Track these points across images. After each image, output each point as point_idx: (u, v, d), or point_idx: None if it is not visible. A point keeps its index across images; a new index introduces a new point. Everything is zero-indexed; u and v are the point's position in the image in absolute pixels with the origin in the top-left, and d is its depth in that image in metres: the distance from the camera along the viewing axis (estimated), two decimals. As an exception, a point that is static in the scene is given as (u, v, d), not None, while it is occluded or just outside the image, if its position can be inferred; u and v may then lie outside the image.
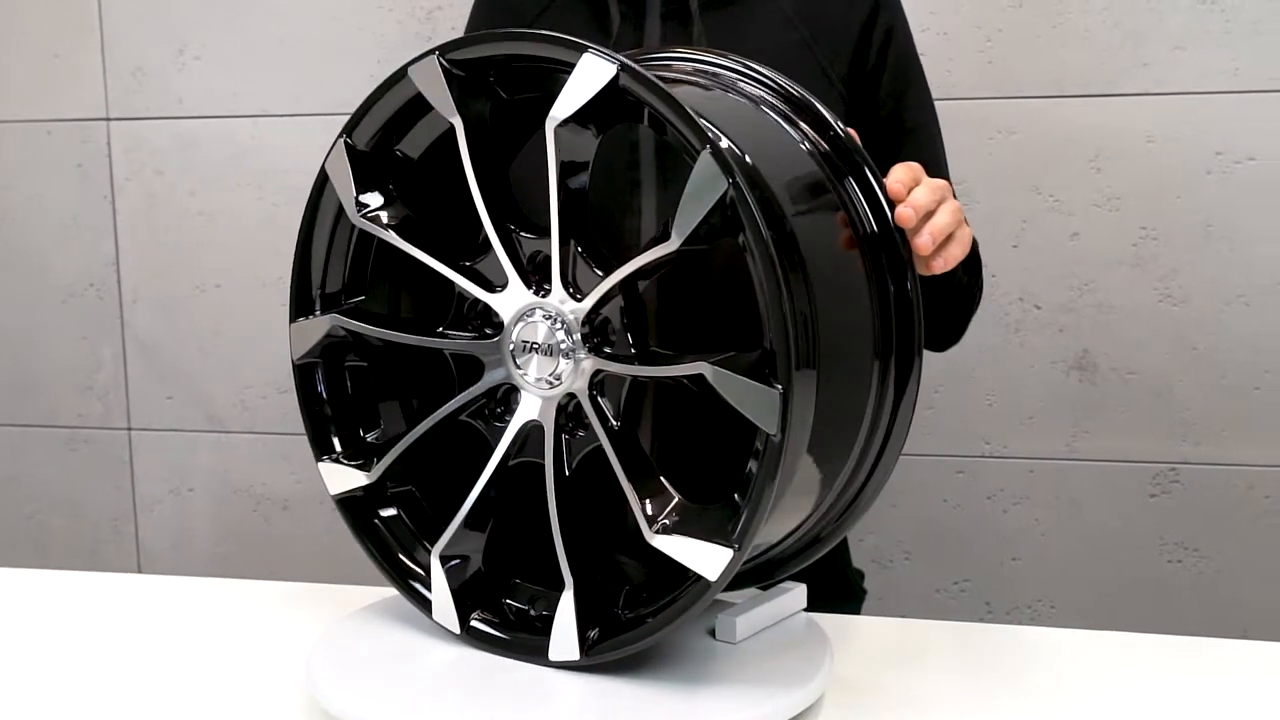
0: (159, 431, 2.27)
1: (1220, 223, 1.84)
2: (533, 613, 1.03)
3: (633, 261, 0.91)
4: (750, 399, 0.87)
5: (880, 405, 0.98)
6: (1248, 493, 1.90)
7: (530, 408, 1.00)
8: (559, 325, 0.96)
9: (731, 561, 0.88)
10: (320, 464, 1.11)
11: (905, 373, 0.98)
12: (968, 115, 1.88)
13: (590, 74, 0.91)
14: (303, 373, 1.11)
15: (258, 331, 2.20)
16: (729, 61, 1.08)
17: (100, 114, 2.19)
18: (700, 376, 0.90)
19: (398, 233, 1.03)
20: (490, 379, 1.02)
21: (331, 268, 1.09)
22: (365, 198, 1.05)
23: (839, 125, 1.03)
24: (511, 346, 0.99)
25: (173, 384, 2.25)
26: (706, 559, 0.90)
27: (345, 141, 1.05)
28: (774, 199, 0.94)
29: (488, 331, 1.03)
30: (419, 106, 1.02)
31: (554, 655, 0.98)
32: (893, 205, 1.02)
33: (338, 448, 1.10)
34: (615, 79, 0.90)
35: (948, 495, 2.00)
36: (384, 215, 1.04)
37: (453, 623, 1.03)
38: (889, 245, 1.00)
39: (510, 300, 0.99)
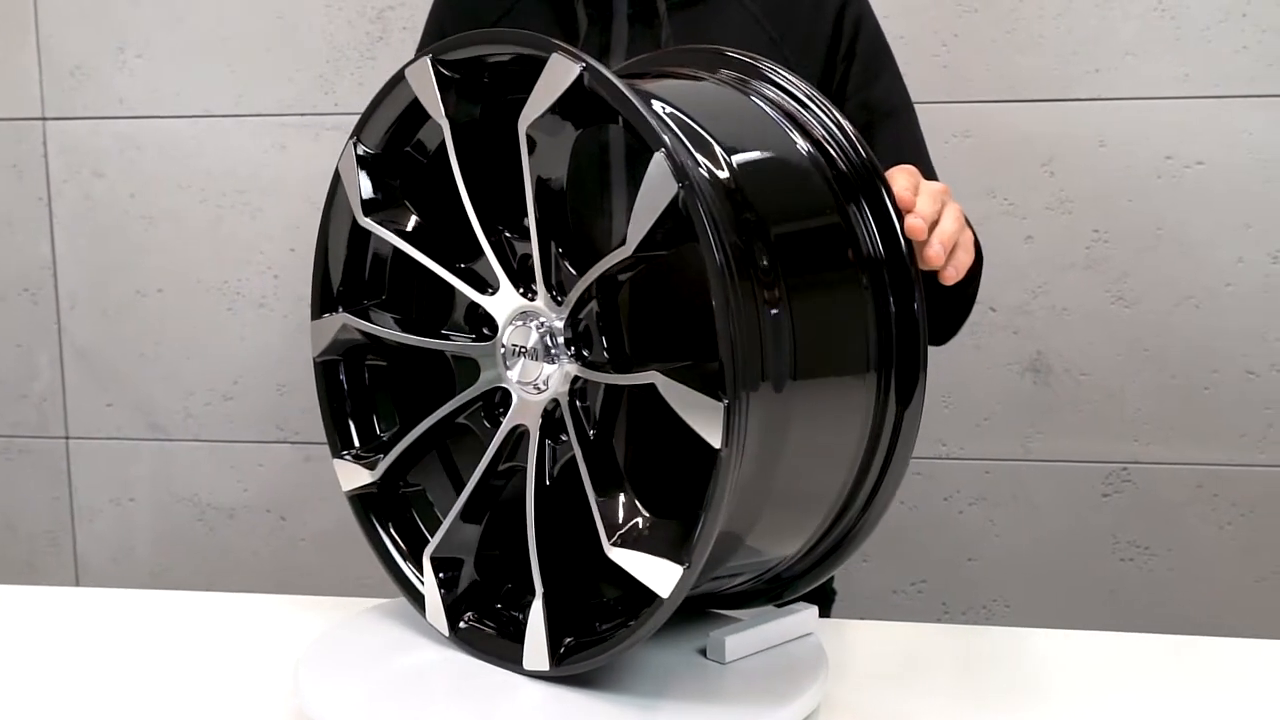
0: (98, 440, 2.21)
1: (1170, 226, 1.87)
2: (522, 619, 1.01)
3: (596, 267, 0.90)
4: (697, 411, 0.84)
5: (881, 419, 0.96)
6: (1197, 491, 1.93)
7: (519, 412, 0.98)
8: (545, 329, 0.95)
9: (682, 579, 0.86)
10: (335, 461, 1.11)
11: (909, 386, 0.97)
12: (923, 119, 1.87)
13: (557, 74, 0.89)
14: (322, 370, 1.11)
15: (202, 337, 2.15)
16: (761, 65, 1.07)
17: (36, 113, 2.12)
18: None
19: (403, 234, 1.01)
20: (484, 381, 1.01)
21: (350, 267, 1.09)
22: (373, 198, 1.04)
23: (847, 125, 1.02)
24: (503, 350, 0.98)
25: (112, 391, 2.19)
26: (659, 575, 0.87)
27: (354, 143, 1.04)
28: (755, 207, 0.93)
29: (486, 333, 1.02)
30: (418, 109, 1.00)
31: (527, 664, 0.97)
32: (900, 214, 0.99)
33: (355, 445, 1.11)
34: (580, 79, 0.89)
35: (904, 497, 2.01)
36: (391, 216, 1.03)
37: (442, 625, 1.02)
38: (894, 253, 0.98)
39: (502, 303, 0.98)
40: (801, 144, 0.99)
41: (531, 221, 0.93)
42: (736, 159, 0.94)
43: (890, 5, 1.87)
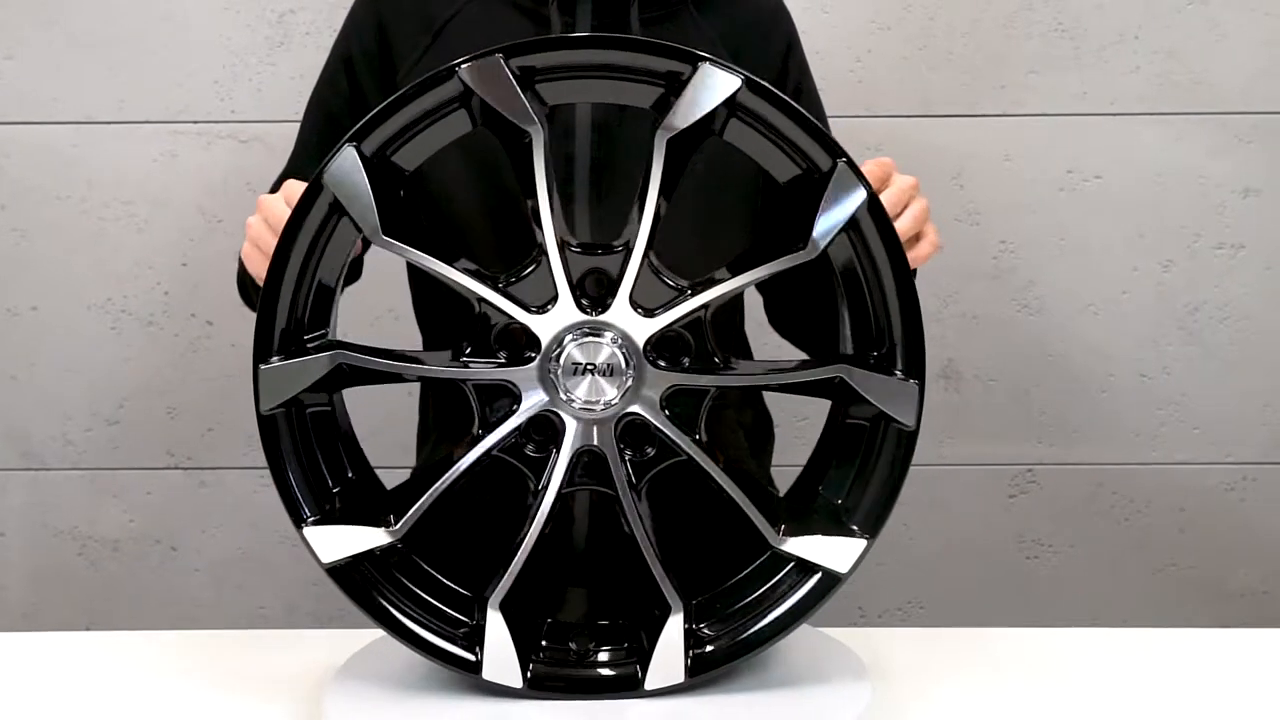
0: (-37, 472, 2.04)
1: (1072, 237, 1.96)
2: (574, 647, 0.97)
3: (766, 267, 0.94)
4: (890, 395, 0.97)
5: None
6: (1096, 490, 2.02)
7: (584, 433, 0.95)
8: (617, 343, 0.92)
9: (865, 551, 0.98)
10: (306, 530, 0.96)
11: None
12: (837, 133, 1.91)
13: (710, 85, 0.91)
14: (272, 425, 0.96)
15: (82, 358, 2.00)
16: None
17: (-110, 118, 1.95)
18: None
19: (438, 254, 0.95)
20: (533, 406, 0.95)
21: (299, 298, 0.96)
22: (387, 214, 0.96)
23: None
24: (558, 369, 0.93)
25: (-21, 418, 2.03)
26: (837, 553, 0.96)
27: (357, 149, 0.94)
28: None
29: (527, 356, 0.96)
30: (431, 115, 0.95)
31: (652, 683, 0.95)
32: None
33: (320, 508, 0.97)
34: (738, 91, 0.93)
35: (820, 504, 2.04)
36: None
37: (514, 677, 0.95)
38: None
39: (553, 321, 0.94)
40: None
41: (643, 231, 0.92)
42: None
43: (805, 21, 1.89)
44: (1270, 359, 1.99)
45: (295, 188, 1.05)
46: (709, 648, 0.97)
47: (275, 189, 1.43)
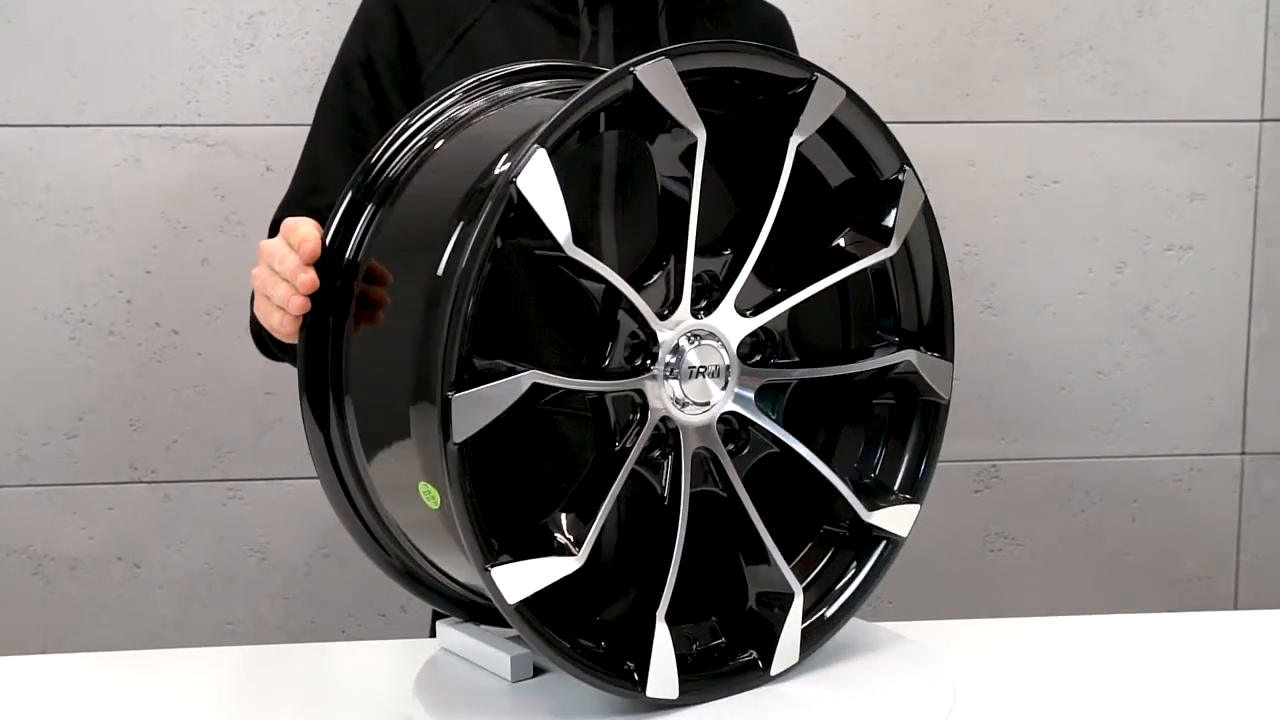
0: (-91, 491, 1.95)
1: (1032, 240, 2.03)
2: (680, 650, 0.97)
3: (848, 268, 0.99)
4: (935, 373, 1.07)
5: None
6: (1055, 483, 2.10)
7: (698, 434, 0.96)
8: (720, 344, 0.95)
9: (918, 514, 1.07)
10: (495, 570, 0.87)
11: None
12: (809, 138, 1.97)
13: (828, 93, 0.98)
14: (471, 453, 0.86)
15: (39, 370, 1.93)
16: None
17: None
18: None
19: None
20: (657, 411, 0.94)
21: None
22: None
23: None
24: (675, 374, 0.94)
25: (-74, 434, 1.94)
26: (901, 520, 1.04)
27: (548, 153, 0.86)
28: None
29: (646, 364, 0.95)
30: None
31: (776, 668, 0.98)
32: None
33: (490, 546, 0.88)
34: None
35: (793, 504, 2.07)
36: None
37: (673, 689, 0.93)
38: None
39: (673, 326, 0.94)
40: None
41: (764, 234, 0.95)
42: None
43: (779, 28, 1.94)
44: (1214, 355, 2.09)
45: (293, 224, 1.00)
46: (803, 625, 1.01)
47: (285, 202, 1.40)
